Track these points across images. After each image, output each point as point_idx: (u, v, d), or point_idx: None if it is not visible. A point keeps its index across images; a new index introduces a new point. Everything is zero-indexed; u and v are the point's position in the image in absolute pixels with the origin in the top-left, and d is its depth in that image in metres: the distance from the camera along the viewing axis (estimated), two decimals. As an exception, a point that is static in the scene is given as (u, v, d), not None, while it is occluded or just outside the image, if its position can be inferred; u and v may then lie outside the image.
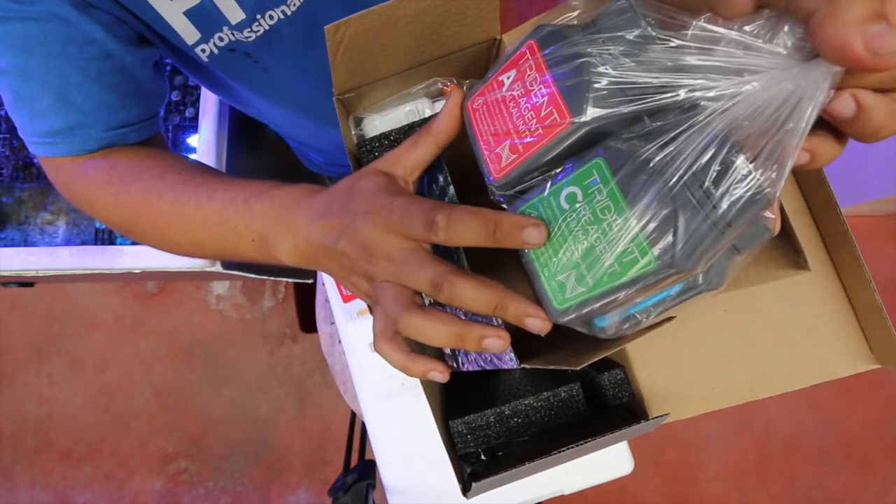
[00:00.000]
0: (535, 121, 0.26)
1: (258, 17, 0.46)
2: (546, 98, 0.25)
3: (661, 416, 0.39)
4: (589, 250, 0.25)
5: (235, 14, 0.45)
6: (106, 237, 0.86)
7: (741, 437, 1.47)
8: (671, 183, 0.22)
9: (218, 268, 0.80)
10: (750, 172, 0.22)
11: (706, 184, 0.22)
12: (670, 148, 0.22)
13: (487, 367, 0.38)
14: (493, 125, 0.29)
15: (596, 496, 1.44)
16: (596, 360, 0.33)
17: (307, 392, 1.55)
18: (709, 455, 1.47)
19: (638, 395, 0.44)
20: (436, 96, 0.45)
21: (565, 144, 0.25)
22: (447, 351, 0.44)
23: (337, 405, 1.54)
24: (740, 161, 0.22)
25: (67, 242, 0.86)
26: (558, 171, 0.26)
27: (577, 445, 0.36)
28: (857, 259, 0.39)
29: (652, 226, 0.23)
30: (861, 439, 1.44)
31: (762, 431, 1.47)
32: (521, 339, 0.51)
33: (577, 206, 0.25)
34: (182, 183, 0.41)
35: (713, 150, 0.22)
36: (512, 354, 0.34)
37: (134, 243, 0.85)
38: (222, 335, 1.58)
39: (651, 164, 0.22)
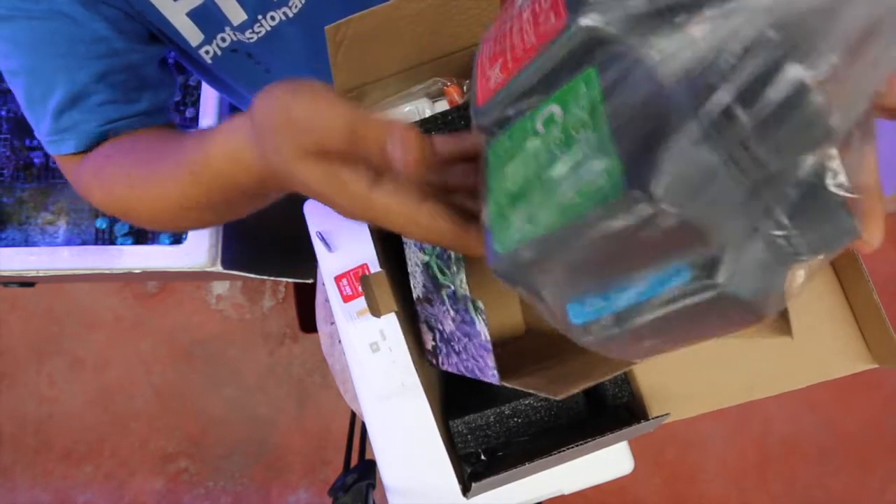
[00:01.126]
0: (531, 31, 0.20)
1: (259, 17, 0.46)
2: (549, 1, 0.19)
3: (661, 416, 0.39)
4: (549, 178, 0.19)
5: (237, 15, 0.45)
6: (106, 237, 0.86)
7: (741, 436, 1.47)
8: (677, 92, 0.15)
9: (218, 268, 0.81)
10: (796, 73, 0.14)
11: (722, 91, 0.14)
12: (683, 47, 0.15)
13: (467, 375, 0.36)
14: (493, 49, 0.23)
15: (596, 496, 1.44)
16: (580, 390, 0.30)
17: (307, 392, 1.55)
18: (708, 455, 1.47)
19: (638, 395, 0.44)
20: (436, 96, 0.45)
21: (559, 56, 0.19)
22: (428, 346, 0.43)
23: (337, 405, 1.54)
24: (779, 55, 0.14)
25: (68, 242, 0.86)
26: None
27: (577, 445, 0.36)
28: (856, 259, 0.39)
29: (631, 146, 0.16)
30: (860, 438, 1.45)
31: (761, 431, 1.47)
32: (506, 344, 0.51)
33: (552, 128, 0.19)
34: (148, 158, 0.40)
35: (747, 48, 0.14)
36: (494, 369, 0.31)
37: (134, 243, 0.85)
38: (222, 335, 1.58)
39: (648, 67, 0.16)
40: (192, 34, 0.46)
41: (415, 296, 0.43)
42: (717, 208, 0.16)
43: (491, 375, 0.31)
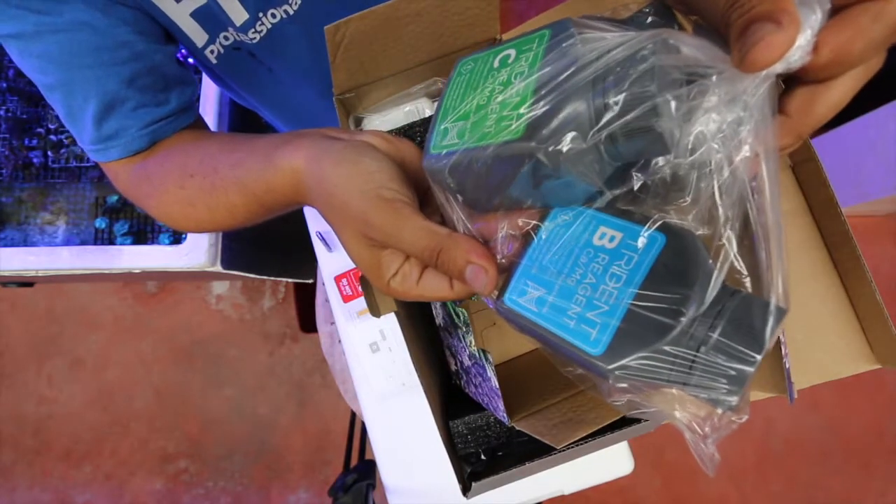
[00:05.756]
0: None
1: (261, 15, 0.46)
2: None
3: (662, 416, 0.39)
4: (482, 106, 0.24)
5: (239, 14, 0.45)
6: (106, 237, 0.86)
7: (741, 436, 1.47)
8: (585, 73, 0.21)
9: (218, 268, 0.80)
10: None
11: (611, 93, 0.20)
12: (603, 44, 0.21)
13: (482, 403, 0.40)
14: None
15: (596, 496, 1.44)
16: (579, 437, 0.34)
17: (307, 392, 1.55)
18: (709, 455, 1.47)
19: (638, 396, 0.44)
20: (436, 96, 0.45)
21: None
22: (451, 368, 0.45)
23: (337, 405, 1.54)
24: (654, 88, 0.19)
25: (67, 242, 0.86)
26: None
27: (577, 445, 0.36)
28: (858, 259, 0.39)
29: (543, 106, 0.22)
30: (861, 439, 1.44)
31: (762, 431, 1.47)
32: (518, 358, 0.51)
33: (504, 68, 0.25)
34: (203, 172, 0.42)
35: (634, 66, 0.20)
36: (504, 412, 0.35)
37: (134, 243, 0.85)
38: (222, 335, 1.58)
39: (576, 48, 0.22)
40: (196, 35, 0.46)
41: (437, 322, 0.48)
42: (578, 169, 0.22)
43: (501, 416, 0.35)
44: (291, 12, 0.47)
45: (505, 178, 0.24)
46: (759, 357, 0.19)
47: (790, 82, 0.22)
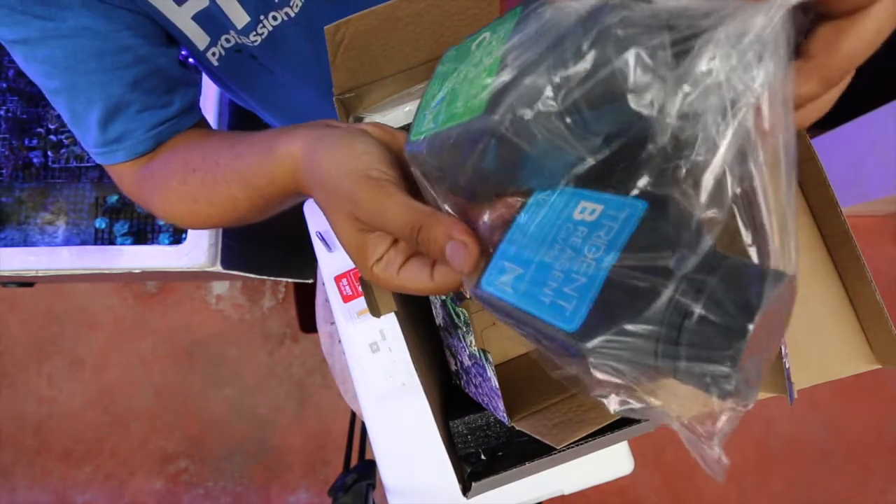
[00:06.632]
0: None
1: (261, 18, 0.46)
2: None
3: (662, 416, 0.39)
4: (455, 89, 0.24)
5: (240, 17, 0.45)
6: (106, 237, 0.86)
7: (741, 436, 1.47)
8: (548, 37, 0.19)
9: (218, 268, 0.80)
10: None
11: (569, 56, 0.18)
12: (576, 5, 0.18)
13: (482, 403, 0.39)
14: None
15: (596, 496, 1.44)
16: (579, 437, 0.34)
17: (307, 392, 1.55)
18: (709, 455, 1.47)
19: (638, 395, 0.44)
20: (436, 96, 0.45)
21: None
22: (452, 368, 0.45)
23: (337, 405, 1.54)
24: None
25: (67, 242, 0.86)
26: None
27: (577, 445, 0.36)
28: (858, 259, 0.39)
29: (504, 77, 0.20)
30: (862, 439, 1.44)
31: (763, 431, 1.47)
32: (517, 357, 0.51)
33: (479, 49, 0.24)
34: (205, 167, 0.42)
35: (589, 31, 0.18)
36: (504, 412, 0.34)
37: (134, 243, 0.85)
38: (222, 335, 1.58)
39: (545, 13, 0.20)
40: (198, 37, 0.47)
41: (437, 322, 0.48)
42: (548, 143, 0.20)
43: (501, 416, 0.35)
44: (292, 14, 0.47)
45: (474, 158, 0.22)
46: (750, 326, 0.17)
47: (809, 27, 0.19)
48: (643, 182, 0.20)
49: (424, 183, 0.27)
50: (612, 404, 0.21)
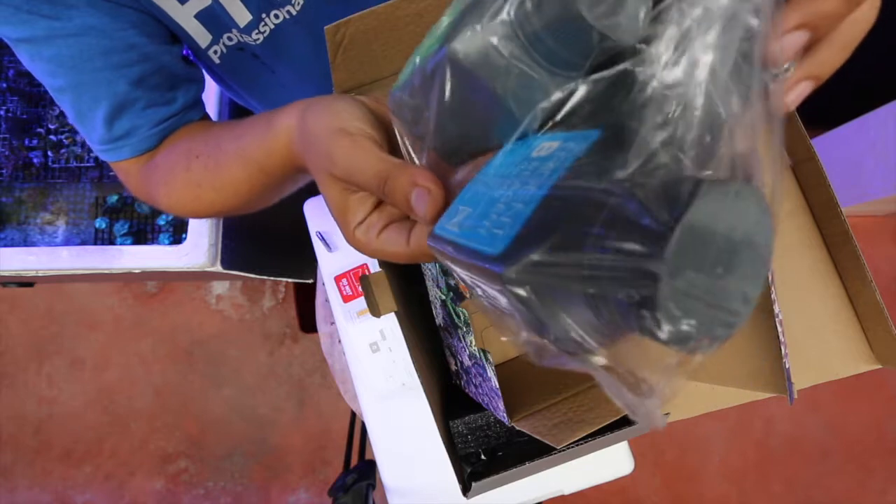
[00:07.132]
0: None
1: (263, 16, 0.46)
2: None
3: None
4: (432, 33, 0.24)
5: (242, 16, 0.46)
6: (106, 237, 0.86)
7: (741, 437, 1.47)
8: None
9: (218, 268, 0.80)
10: None
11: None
12: None
13: (482, 403, 0.39)
14: None
15: (596, 496, 1.44)
16: (579, 437, 0.34)
17: (307, 392, 1.55)
18: (709, 455, 1.47)
19: (638, 395, 0.44)
20: (436, 96, 0.44)
21: None
22: (452, 368, 0.45)
23: (337, 405, 1.54)
24: None
25: (67, 242, 0.86)
26: None
27: (577, 445, 0.36)
28: (858, 259, 0.39)
29: (456, 13, 0.21)
30: (861, 439, 1.44)
31: (762, 431, 1.47)
32: (516, 358, 0.51)
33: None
34: (207, 153, 0.43)
35: None
36: (504, 412, 0.34)
37: (134, 243, 0.85)
38: (222, 335, 1.58)
39: None
40: (200, 36, 0.47)
41: (437, 322, 0.47)
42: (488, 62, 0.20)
43: (501, 416, 0.35)
44: (294, 13, 0.47)
45: (437, 93, 0.21)
46: (676, 229, 0.13)
47: None
48: (603, 109, 0.19)
49: (403, 141, 0.27)
50: (535, 357, 0.19)
